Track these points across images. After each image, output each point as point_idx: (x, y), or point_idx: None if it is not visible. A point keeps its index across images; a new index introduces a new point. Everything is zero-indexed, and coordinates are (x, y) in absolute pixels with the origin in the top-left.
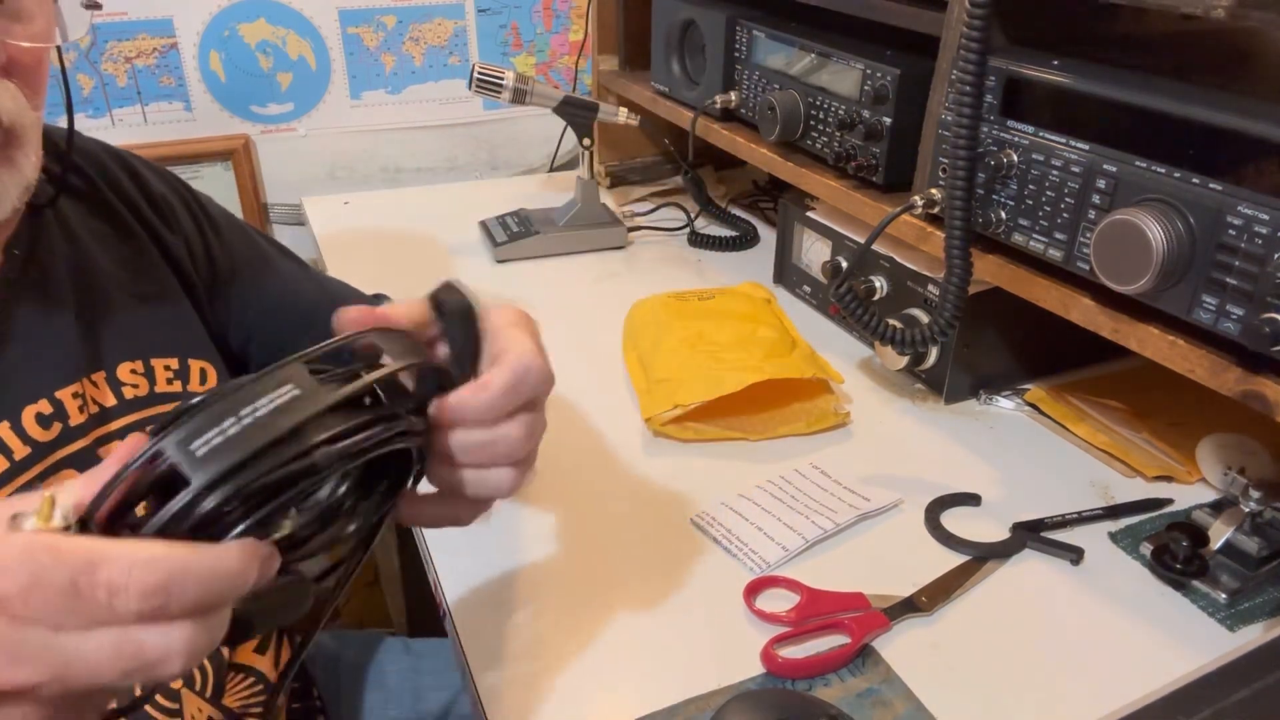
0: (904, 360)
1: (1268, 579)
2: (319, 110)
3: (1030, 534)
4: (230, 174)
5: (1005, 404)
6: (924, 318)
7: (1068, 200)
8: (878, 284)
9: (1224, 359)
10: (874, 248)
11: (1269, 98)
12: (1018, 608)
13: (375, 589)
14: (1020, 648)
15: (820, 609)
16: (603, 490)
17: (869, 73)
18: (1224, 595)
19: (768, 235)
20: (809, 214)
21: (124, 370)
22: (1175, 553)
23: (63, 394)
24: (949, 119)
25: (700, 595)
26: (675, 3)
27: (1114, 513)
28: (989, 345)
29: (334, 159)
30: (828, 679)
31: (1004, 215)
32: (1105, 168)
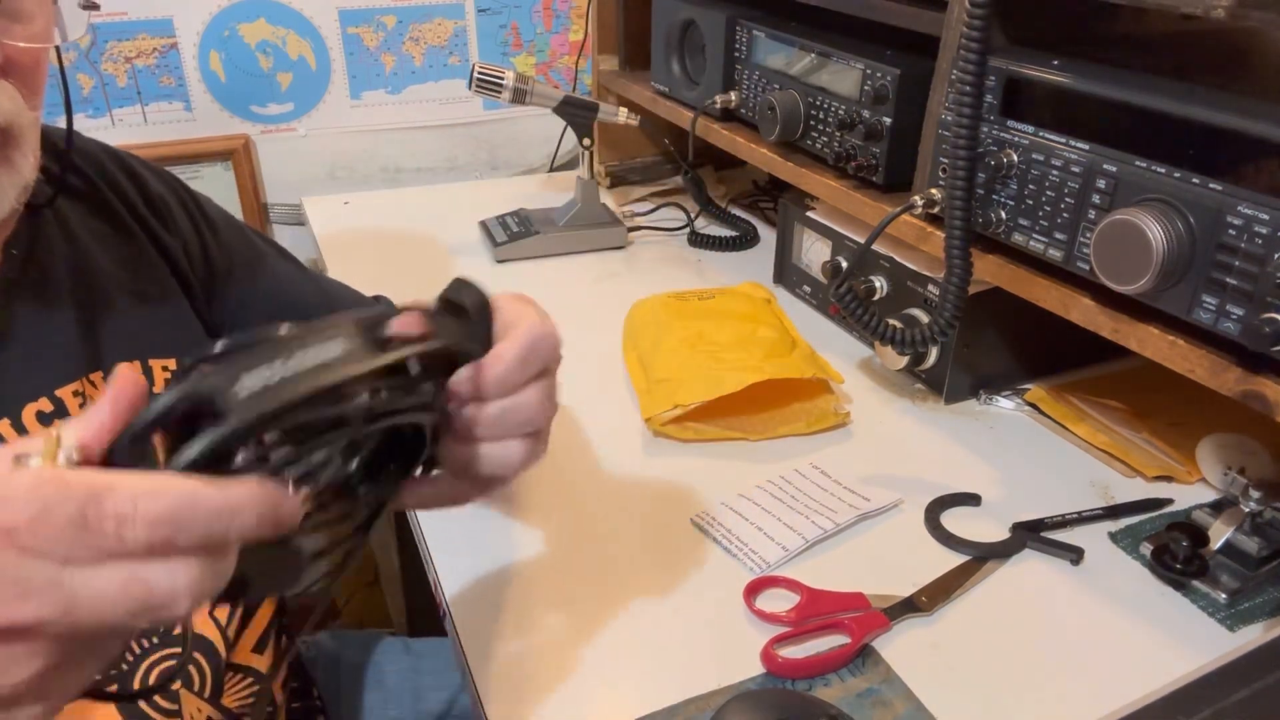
0: (904, 360)
1: (1268, 579)
2: (319, 110)
3: (1030, 534)
4: (230, 174)
5: (1005, 404)
6: (924, 318)
7: (1068, 200)
8: (878, 284)
9: (1224, 359)
10: (874, 248)
11: (1269, 98)
12: (1018, 608)
13: (375, 589)
14: (1020, 648)
15: (820, 609)
16: (603, 490)
17: (869, 73)
18: (1224, 595)
19: (768, 235)
20: (809, 214)
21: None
22: (1175, 553)
23: (63, 392)
24: (949, 119)
25: (700, 595)
26: (675, 3)
27: (1114, 513)
28: (989, 345)
29: (334, 159)
30: (828, 679)
31: (1004, 215)
32: (1105, 168)
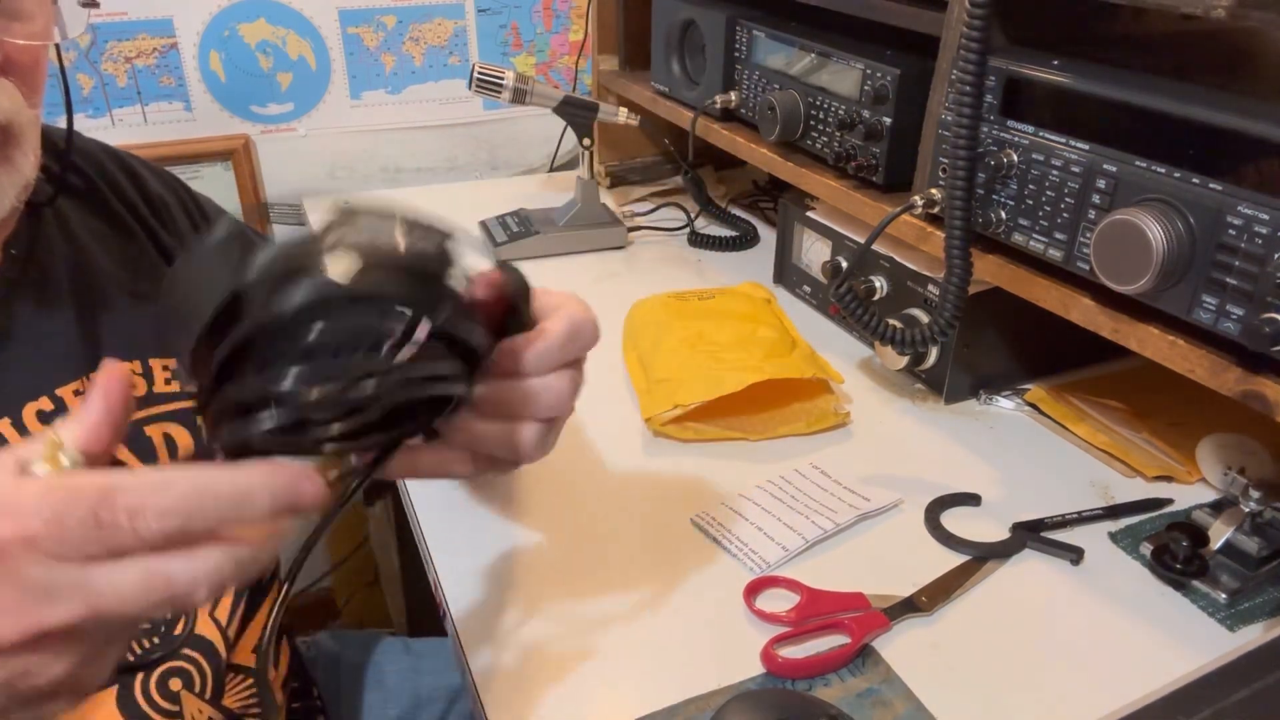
0: (904, 360)
1: (1268, 579)
2: (319, 110)
3: (1030, 534)
4: (230, 174)
5: (1005, 404)
6: (924, 318)
7: (1068, 200)
8: (878, 284)
9: (1224, 359)
10: (874, 248)
11: (1269, 98)
12: (1018, 608)
13: (375, 589)
14: (1020, 648)
15: (820, 609)
16: (603, 490)
17: (869, 73)
18: (1224, 595)
19: (768, 235)
20: (809, 214)
21: None
22: (1175, 553)
23: (64, 391)
24: (949, 119)
25: (700, 595)
26: (675, 3)
27: (1114, 513)
28: (989, 345)
29: (334, 159)
30: (828, 679)
31: (1004, 215)
32: (1105, 168)
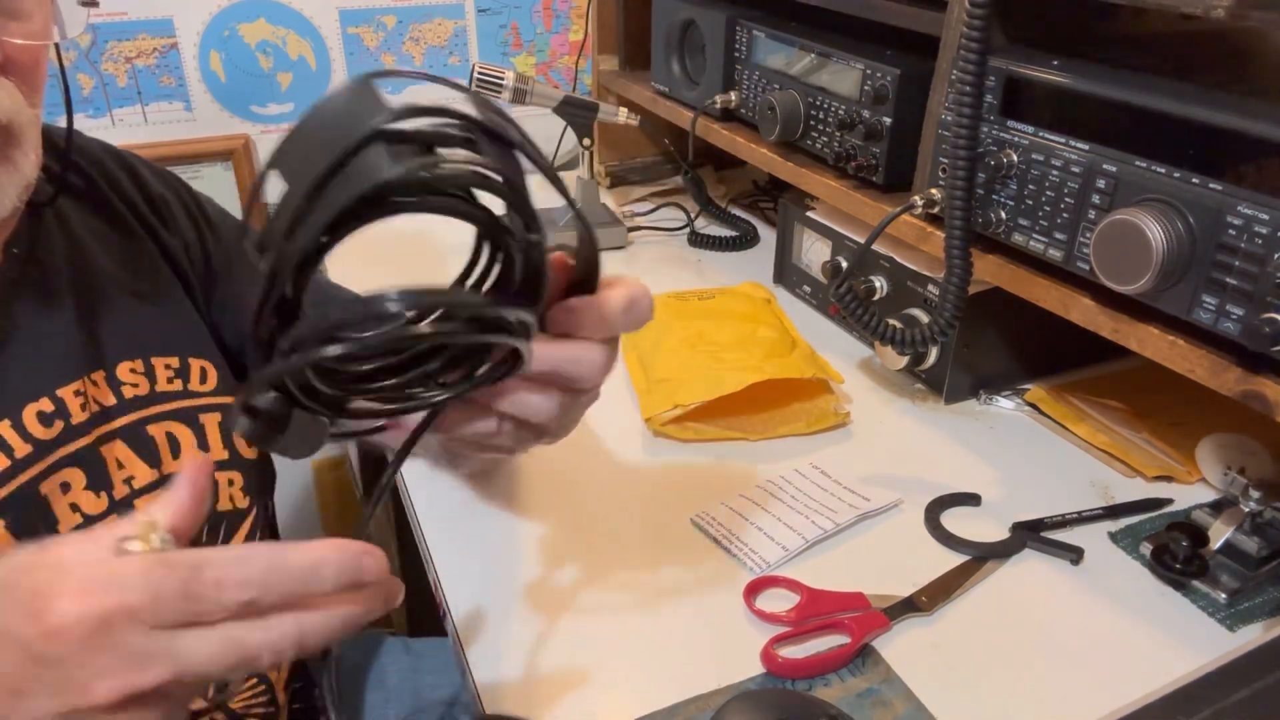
0: (904, 360)
1: (1267, 579)
2: None
3: (1030, 534)
4: (230, 174)
5: (1005, 404)
6: (924, 318)
7: (1068, 200)
8: (878, 284)
9: (1224, 359)
10: (874, 248)
11: (1269, 98)
12: (1018, 608)
13: None
14: (1020, 648)
15: (820, 609)
16: (603, 490)
17: (869, 73)
18: (1224, 595)
19: (768, 235)
20: (809, 214)
21: (124, 369)
22: (1175, 553)
23: (64, 392)
24: (949, 119)
25: (700, 595)
26: (675, 3)
27: (1114, 513)
28: (989, 345)
29: None
30: (828, 679)
31: (1004, 215)
32: (1105, 168)
